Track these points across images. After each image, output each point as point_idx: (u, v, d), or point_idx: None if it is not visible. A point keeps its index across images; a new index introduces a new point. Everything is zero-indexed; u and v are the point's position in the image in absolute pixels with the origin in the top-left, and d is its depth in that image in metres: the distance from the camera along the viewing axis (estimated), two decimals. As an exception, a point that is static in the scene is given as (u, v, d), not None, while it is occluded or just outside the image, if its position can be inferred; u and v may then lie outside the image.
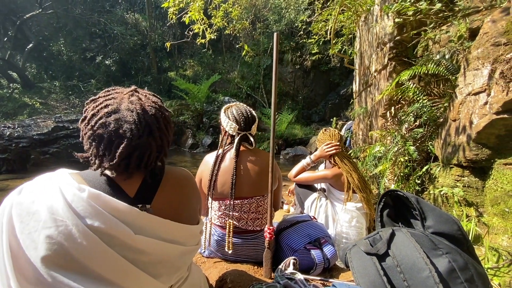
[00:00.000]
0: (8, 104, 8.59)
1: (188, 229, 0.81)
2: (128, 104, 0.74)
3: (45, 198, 0.64)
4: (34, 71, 11.10)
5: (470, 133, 1.35)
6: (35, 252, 0.60)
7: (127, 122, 0.71)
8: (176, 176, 0.85)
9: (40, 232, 0.61)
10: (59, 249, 0.60)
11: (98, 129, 0.71)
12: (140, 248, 0.69)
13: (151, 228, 0.72)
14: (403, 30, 2.21)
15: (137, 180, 0.77)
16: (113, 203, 0.68)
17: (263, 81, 10.44)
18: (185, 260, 0.83)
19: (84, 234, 0.62)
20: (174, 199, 0.81)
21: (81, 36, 11.76)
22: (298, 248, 1.45)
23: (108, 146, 0.71)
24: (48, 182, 0.68)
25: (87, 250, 0.62)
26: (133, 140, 0.71)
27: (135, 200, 0.75)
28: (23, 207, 0.63)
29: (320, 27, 3.84)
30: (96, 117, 0.72)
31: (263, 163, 1.42)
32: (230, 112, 1.45)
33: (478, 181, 1.40)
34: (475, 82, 1.35)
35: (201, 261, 1.50)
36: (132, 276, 0.67)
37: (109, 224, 0.65)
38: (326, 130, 2.02)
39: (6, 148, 5.37)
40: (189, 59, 12.52)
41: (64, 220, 0.62)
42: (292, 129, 8.65)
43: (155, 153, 0.77)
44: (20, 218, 0.62)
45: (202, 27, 3.24)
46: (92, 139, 0.72)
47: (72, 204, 0.64)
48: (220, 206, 1.41)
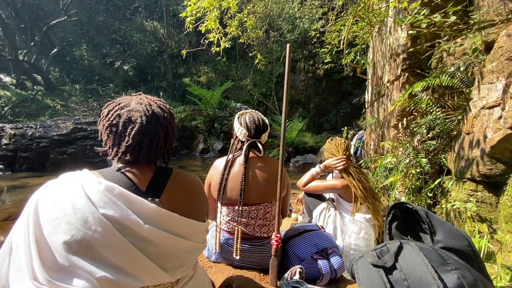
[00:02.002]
0: (32, 106, 9.00)
1: (194, 224, 0.86)
2: (138, 100, 0.88)
3: (68, 193, 0.72)
4: (57, 74, 11.60)
5: (484, 147, 1.33)
6: (56, 237, 0.67)
7: (137, 111, 0.83)
8: (183, 176, 0.93)
9: (62, 219, 0.68)
10: (76, 234, 0.67)
11: (113, 120, 0.83)
12: (148, 238, 0.74)
13: (159, 220, 0.77)
14: (417, 42, 2.21)
15: (148, 175, 0.86)
16: (126, 194, 0.75)
17: (275, 89, 10.50)
18: (191, 256, 0.88)
19: (99, 221, 0.69)
20: (181, 195, 0.88)
21: (102, 42, 12.28)
22: (305, 257, 1.44)
23: (123, 132, 0.83)
24: (71, 180, 0.76)
25: (101, 236, 0.68)
26: (144, 125, 0.82)
27: (146, 194, 0.82)
28: (48, 199, 0.72)
29: (333, 37, 3.86)
30: (112, 112, 0.85)
31: (271, 170, 1.43)
32: (243, 118, 1.48)
33: (492, 197, 1.36)
34: (489, 96, 1.33)
35: (208, 265, 1.52)
36: (141, 264, 0.73)
37: (121, 214, 0.72)
38: (332, 139, 2.02)
39: (27, 147, 5.62)
40: (204, 66, 12.79)
41: (82, 208, 0.69)
42: (302, 137, 8.62)
43: (162, 140, 0.87)
44: (45, 207, 0.70)
45: (217, 36, 3.33)
46: (109, 130, 0.84)
47: (90, 195, 0.72)
48: (228, 212, 1.43)
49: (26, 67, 10.28)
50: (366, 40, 3.75)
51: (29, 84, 10.42)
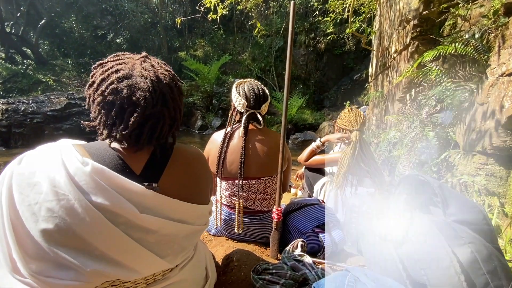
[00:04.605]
0: (23, 81, 8.71)
1: (197, 208, 0.77)
2: (141, 70, 0.69)
3: (46, 169, 0.61)
4: (47, 48, 11.11)
5: (500, 118, 1.25)
6: (35, 225, 0.58)
7: (141, 89, 0.66)
8: (186, 154, 0.79)
9: (41, 205, 0.58)
10: (61, 223, 0.58)
11: (108, 95, 0.65)
12: (146, 227, 0.65)
13: (158, 207, 0.68)
14: (430, 5, 2.04)
15: (144, 156, 0.72)
16: (117, 179, 0.63)
17: (275, 64, 10.15)
18: (192, 239, 0.80)
19: (87, 210, 0.59)
20: (183, 178, 0.76)
21: (92, 13, 11.63)
22: (305, 230, 1.43)
23: (119, 114, 0.66)
24: (50, 153, 0.64)
25: (90, 227, 0.59)
26: (147, 109, 0.66)
27: (142, 178, 0.70)
28: (23, 178, 0.60)
29: (337, 4, 3.61)
30: (107, 82, 0.66)
31: (272, 143, 1.37)
32: (241, 88, 1.38)
33: (503, 170, 1.31)
34: (510, 61, 1.22)
35: (208, 239, 1.50)
36: (137, 254, 0.65)
37: (113, 201, 0.61)
38: (352, 108, 1.93)
39: (21, 123, 5.50)
40: (200, 38, 12.26)
41: (66, 194, 0.59)
42: (302, 113, 8.47)
43: (168, 124, 0.72)
44: (20, 189, 0.59)
45: (214, 2, 3.10)
46: (102, 106, 0.67)
47: (75, 177, 0.60)
48: (228, 186, 1.38)
49: (14, 40, 9.80)
50: (373, 9, 3.53)
51: (18, 58, 10.01)
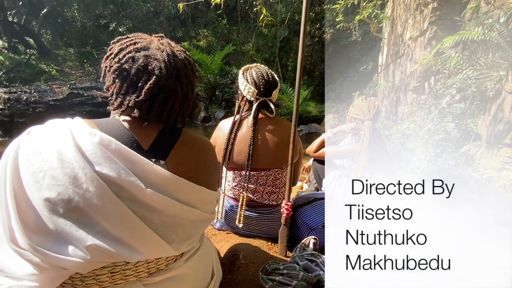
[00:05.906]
0: (26, 70, 8.67)
1: (204, 192, 0.73)
2: (159, 44, 0.71)
3: (54, 139, 0.60)
4: (50, 37, 11.02)
5: (532, 107, 1.14)
6: (38, 193, 0.57)
7: (157, 60, 0.68)
8: (194, 138, 0.79)
9: (46, 172, 0.57)
10: (64, 192, 0.57)
11: (125, 63, 0.67)
12: (150, 204, 0.63)
13: (164, 185, 0.65)
14: (452, -13, 1.90)
15: (153, 132, 0.72)
16: (124, 151, 0.62)
17: (279, 54, 9.95)
18: (198, 227, 0.76)
19: (91, 179, 0.58)
20: (190, 160, 0.75)
21: (94, 2, 11.45)
22: (315, 226, 1.36)
23: (134, 82, 0.68)
24: (59, 124, 0.64)
25: (93, 199, 0.58)
26: (161, 79, 0.67)
27: (149, 153, 0.68)
28: (30, 146, 0.60)
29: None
30: (124, 51, 0.69)
31: (283, 133, 1.28)
32: (249, 74, 1.29)
33: (532, 164, 1.21)
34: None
35: (212, 233, 1.44)
36: (141, 234, 0.61)
37: (119, 173, 0.60)
38: (366, 97, 1.83)
39: (23, 112, 5.46)
40: (203, 28, 12.05)
41: (72, 162, 0.58)
42: (306, 106, 8.35)
43: (180, 102, 0.73)
44: (26, 157, 0.59)
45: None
46: (118, 73, 0.68)
47: (82, 147, 0.60)
48: (235, 177, 1.30)
49: (17, 29, 9.71)
50: (384, -5, 3.35)
51: (21, 48, 9.95)
